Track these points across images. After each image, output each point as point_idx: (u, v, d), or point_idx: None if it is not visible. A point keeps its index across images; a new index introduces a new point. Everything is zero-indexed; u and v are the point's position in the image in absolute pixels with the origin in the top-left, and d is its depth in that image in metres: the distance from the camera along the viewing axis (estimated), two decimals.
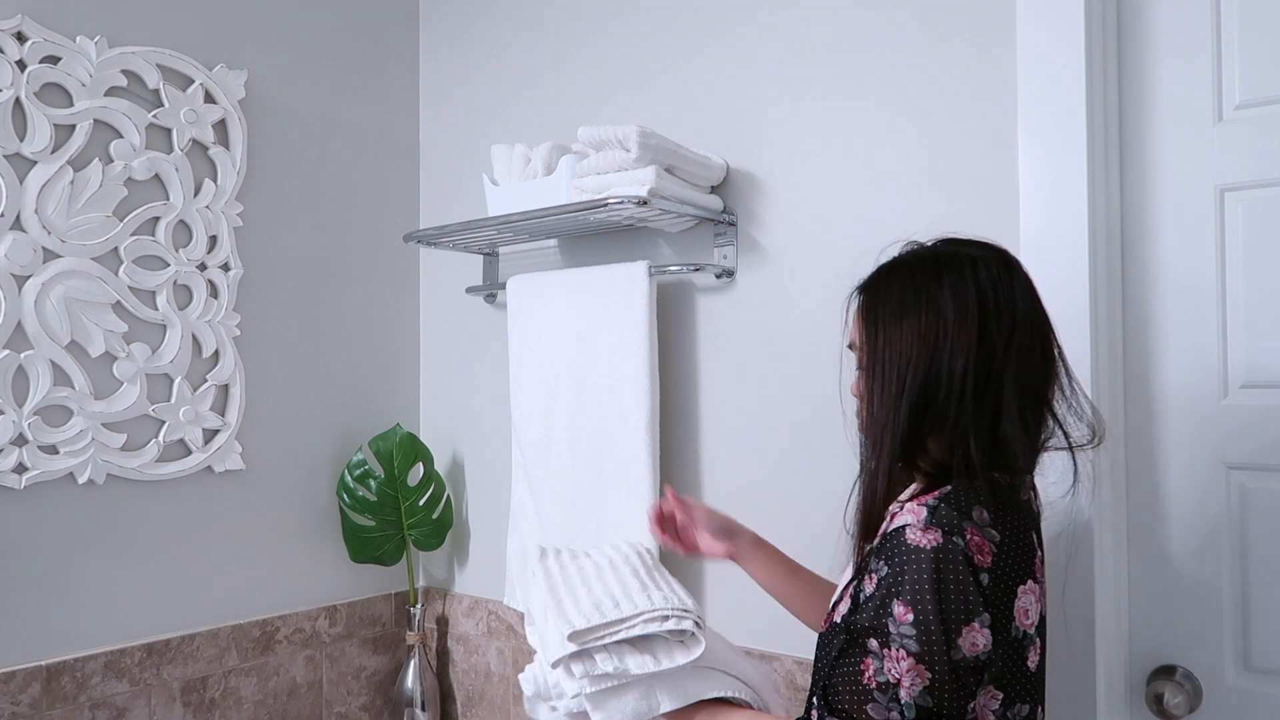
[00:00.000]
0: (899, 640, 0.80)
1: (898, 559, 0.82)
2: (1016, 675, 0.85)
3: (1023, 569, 0.84)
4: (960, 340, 0.85)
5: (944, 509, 0.83)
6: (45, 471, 1.49)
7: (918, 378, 0.86)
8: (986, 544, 0.82)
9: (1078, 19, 1.18)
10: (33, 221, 1.48)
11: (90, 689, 1.52)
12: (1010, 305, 0.87)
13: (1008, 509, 0.86)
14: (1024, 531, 0.86)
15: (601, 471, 1.55)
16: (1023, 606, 0.84)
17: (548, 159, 1.60)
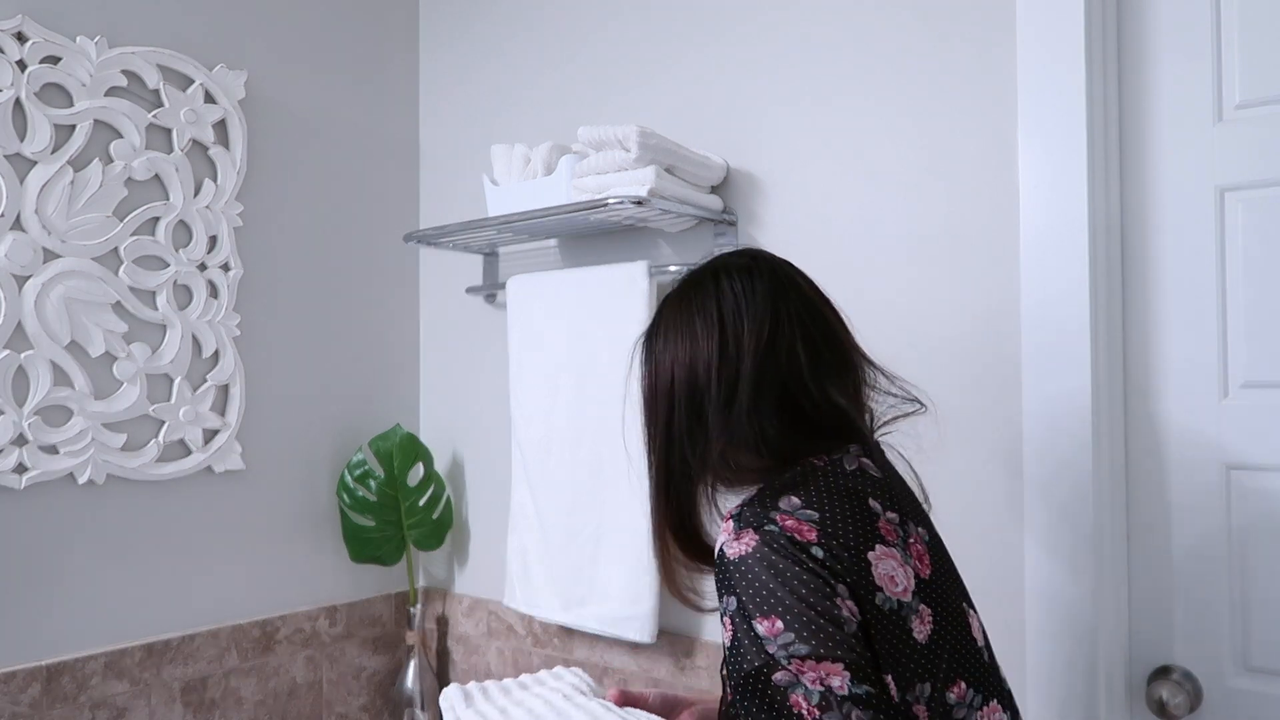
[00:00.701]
0: (788, 654, 0.73)
1: (729, 580, 0.77)
2: (902, 651, 0.77)
3: (865, 536, 0.79)
4: (709, 351, 0.86)
5: (747, 511, 0.81)
6: (45, 471, 1.49)
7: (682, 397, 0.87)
8: (804, 525, 0.78)
9: (1078, 19, 1.18)
10: (33, 221, 1.48)
11: (90, 689, 1.52)
12: (752, 306, 0.87)
13: (825, 487, 0.82)
14: (856, 501, 0.82)
15: (601, 471, 1.55)
16: (884, 573, 0.78)
17: (548, 159, 1.60)
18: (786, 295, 0.89)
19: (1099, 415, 1.18)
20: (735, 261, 0.92)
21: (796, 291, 0.91)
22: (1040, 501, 1.20)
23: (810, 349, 0.87)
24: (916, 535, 0.85)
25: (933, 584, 0.82)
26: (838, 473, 0.84)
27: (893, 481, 0.89)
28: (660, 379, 0.90)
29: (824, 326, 0.90)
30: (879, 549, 0.79)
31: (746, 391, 0.85)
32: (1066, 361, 1.18)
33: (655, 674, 1.58)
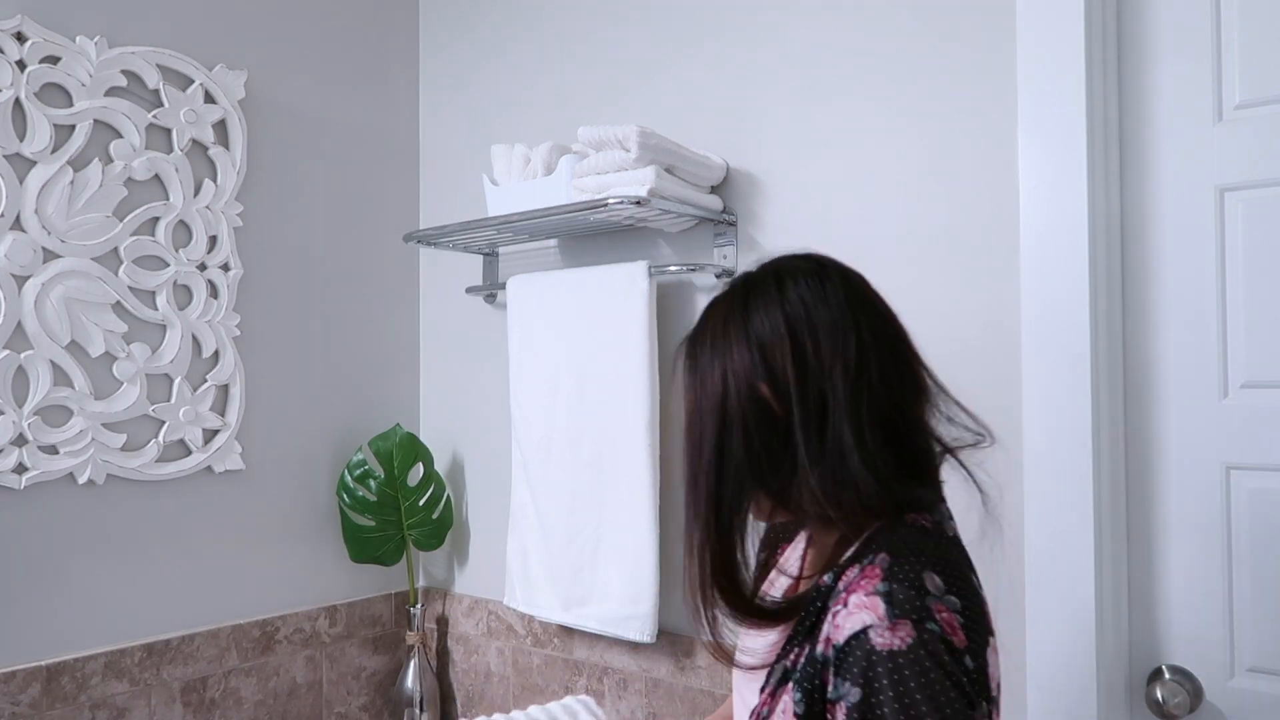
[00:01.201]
0: None
1: (865, 671, 0.66)
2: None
3: (985, 627, 0.70)
4: (781, 363, 0.73)
5: (899, 591, 0.68)
6: (45, 471, 1.49)
7: (741, 415, 0.74)
8: (955, 618, 0.67)
9: (1078, 19, 1.18)
10: (33, 221, 1.48)
11: (90, 689, 1.52)
12: (828, 316, 0.75)
13: (953, 562, 0.72)
14: (974, 582, 0.73)
15: (601, 471, 1.55)
16: (994, 675, 0.71)
17: (548, 159, 1.60)
18: (864, 307, 0.77)
19: (1099, 415, 1.18)
20: (800, 265, 0.80)
21: (873, 306, 0.79)
22: (1040, 501, 1.20)
23: (897, 373, 0.76)
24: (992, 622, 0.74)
25: (999, 684, 0.73)
26: (947, 540, 0.74)
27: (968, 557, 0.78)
28: (709, 392, 0.77)
29: (905, 348, 0.79)
30: (992, 642, 0.70)
31: (845, 417, 0.72)
32: (1066, 361, 1.18)
33: (655, 674, 1.58)
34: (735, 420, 0.75)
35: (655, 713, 1.58)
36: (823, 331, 0.74)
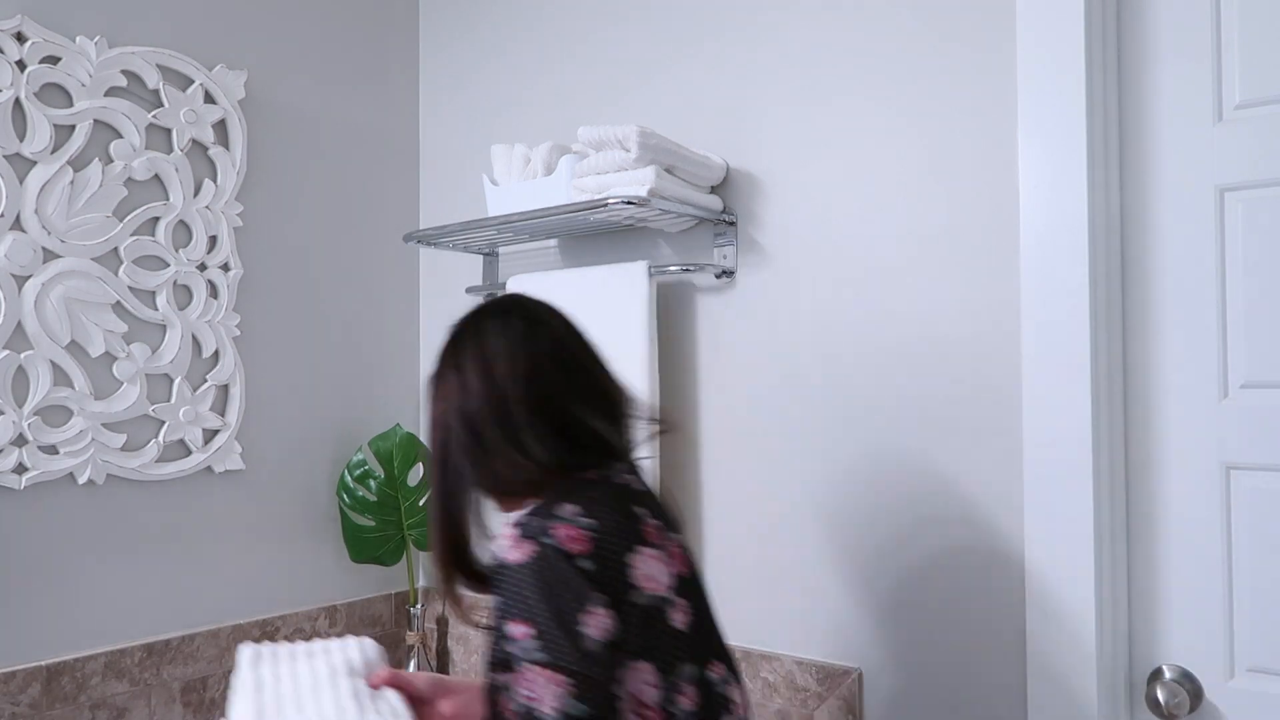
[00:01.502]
0: (525, 657, 0.81)
1: (502, 582, 0.86)
2: (664, 638, 0.88)
3: (628, 540, 0.89)
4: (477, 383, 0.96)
5: (532, 521, 0.88)
6: (45, 471, 1.49)
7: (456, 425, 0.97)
8: (581, 533, 0.86)
9: (1078, 19, 1.18)
10: (33, 221, 1.48)
11: (90, 689, 1.52)
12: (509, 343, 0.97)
13: (598, 496, 0.91)
14: (623, 508, 0.91)
15: None
16: (644, 573, 0.88)
17: (548, 159, 1.60)
18: (538, 333, 1.00)
19: (1099, 415, 1.18)
20: (493, 307, 1.03)
21: (548, 330, 1.01)
22: (1040, 501, 1.20)
23: (567, 379, 0.98)
24: (675, 540, 0.95)
25: (690, 582, 0.94)
26: (608, 483, 0.94)
27: (651, 495, 0.99)
28: (436, 413, 1.00)
29: (576, 361, 1.01)
30: (643, 550, 0.89)
31: (520, 412, 0.94)
32: (1066, 361, 1.18)
33: None
34: (451, 432, 0.97)
35: None
36: (503, 355, 0.97)
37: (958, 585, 1.28)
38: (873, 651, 1.36)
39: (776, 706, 1.44)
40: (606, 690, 0.83)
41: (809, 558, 1.43)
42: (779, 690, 1.43)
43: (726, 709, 0.92)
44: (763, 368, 1.49)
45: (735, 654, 1.00)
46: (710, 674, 0.91)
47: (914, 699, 1.32)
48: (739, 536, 1.51)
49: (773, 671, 1.44)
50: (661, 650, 0.87)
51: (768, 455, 1.48)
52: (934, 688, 1.30)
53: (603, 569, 0.85)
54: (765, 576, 1.47)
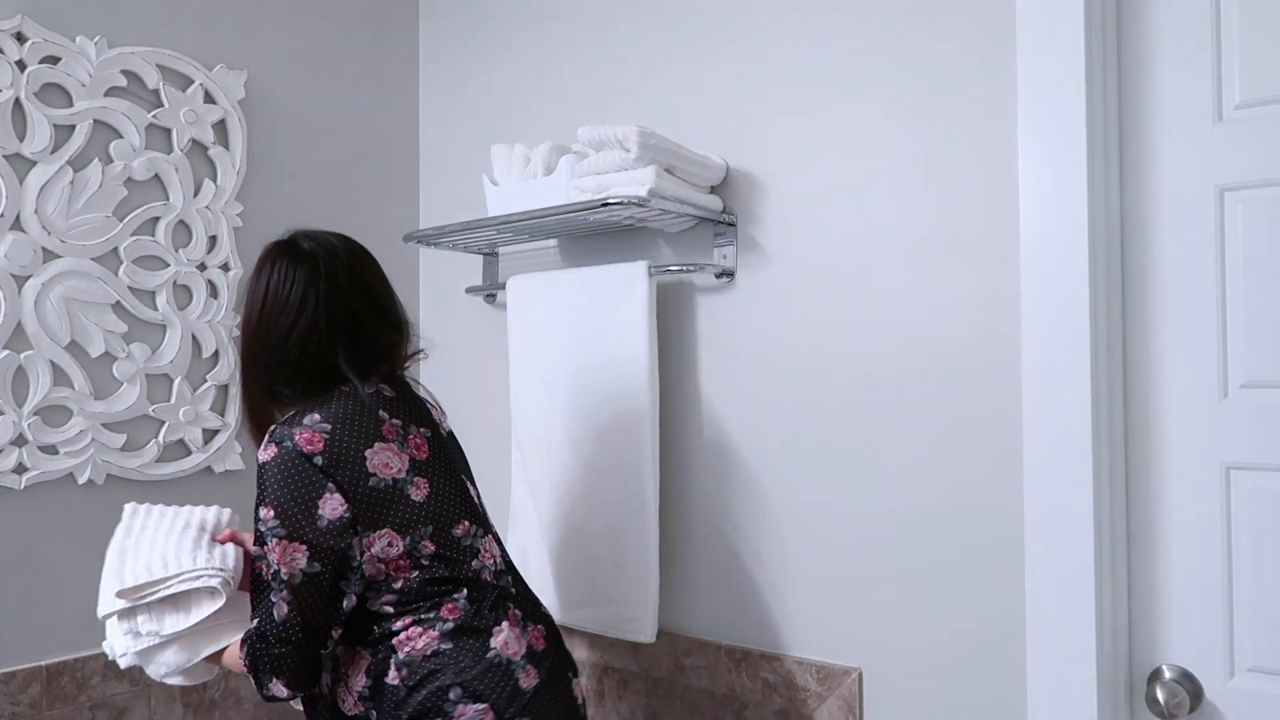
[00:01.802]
0: (272, 534, 1.09)
1: (258, 477, 1.13)
2: (404, 509, 1.15)
3: (365, 438, 1.14)
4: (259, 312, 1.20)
5: (278, 430, 1.14)
6: (45, 471, 1.49)
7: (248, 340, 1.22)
8: (317, 435, 1.12)
9: (1077, 19, 1.18)
10: (33, 221, 1.48)
11: (90, 689, 1.52)
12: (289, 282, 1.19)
13: (341, 405, 1.16)
14: (365, 412, 1.16)
15: (602, 472, 1.55)
16: (381, 462, 1.14)
17: (548, 159, 1.60)
18: (318, 276, 1.20)
19: (1099, 415, 1.18)
20: (273, 249, 1.23)
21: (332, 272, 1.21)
22: (1040, 501, 1.20)
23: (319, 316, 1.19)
24: (418, 433, 1.21)
25: (429, 464, 1.20)
26: (356, 395, 1.17)
27: (406, 399, 1.24)
28: (242, 325, 1.23)
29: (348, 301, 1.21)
30: (378, 446, 1.15)
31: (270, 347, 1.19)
32: (1066, 361, 1.18)
33: (655, 674, 1.58)
34: (247, 344, 1.22)
35: (655, 713, 1.58)
36: (264, 298, 1.20)
37: (958, 585, 1.28)
38: (873, 651, 1.36)
39: (776, 706, 1.44)
40: (338, 554, 1.11)
41: (809, 557, 1.43)
42: (779, 690, 1.43)
43: (475, 555, 1.20)
44: (763, 368, 1.49)
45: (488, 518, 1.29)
46: (455, 530, 1.19)
47: (914, 699, 1.32)
48: (739, 536, 1.51)
49: (773, 671, 1.44)
50: (399, 518, 1.14)
51: (768, 455, 1.48)
52: (934, 688, 1.30)
53: (333, 463, 1.12)
54: (765, 576, 1.47)
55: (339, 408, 1.16)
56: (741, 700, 1.48)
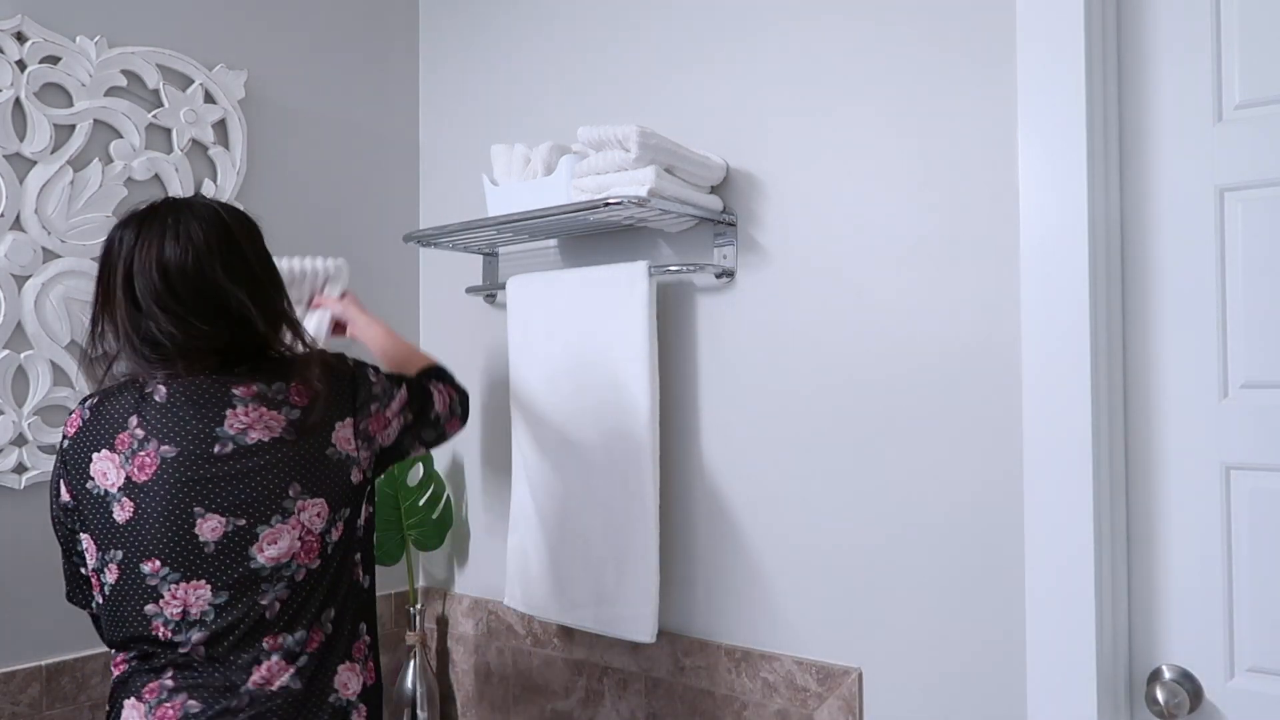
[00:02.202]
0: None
1: None
2: (102, 524, 1.09)
3: (99, 440, 1.10)
4: (98, 280, 1.14)
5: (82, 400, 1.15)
6: (45, 472, 1.49)
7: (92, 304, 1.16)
8: (75, 420, 1.13)
9: (1077, 19, 1.18)
10: (33, 221, 1.48)
11: (90, 689, 1.52)
12: (121, 256, 1.11)
13: (109, 400, 1.12)
14: (117, 416, 1.10)
15: (601, 472, 1.55)
16: (99, 469, 1.09)
17: (548, 159, 1.60)
18: (131, 253, 1.10)
19: (1099, 415, 1.18)
20: (136, 215, 1.14)
21: (148, 253, 1.10)
22: (1040, 501, 1.20)
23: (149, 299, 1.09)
24: (153, 451, 1.08)
25: (146, 487, 1.07)
26: (130, 393, 1.11)
27: (174, 410, 1.10)
28: None
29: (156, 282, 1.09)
30: (104, 452, 1.09)
31: (109, 320, 1.12)
32: (1066, 361, 1.18)
33: (655, 674, 1.58)
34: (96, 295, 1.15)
35: (655, 713, 1.59)
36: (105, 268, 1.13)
37: (958, 585, 1.28)
38: (873, 651, 1.36)
39: (776, 706, 1.44)
40: (67, 536, 1.15)
41: (809, 557, 1.43)
42: (779, 690, 1.43)
43: (154, 598, 1.07)
44: (763, 368, 1.49)
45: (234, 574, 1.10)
46: (143, 566, 1.07)
47: (914, 699, 1.32)
48: (738, 536, 1.51)
49: (773, 671, 1.44)
50: (99, 532, 1.09)
51: (768, 455, 1.48)
52: (934, 688, 1.30)
53: (70, 454, 1.12)
54: (765, 576, 1.47)
55: (106, 400, 1.13)
56: (741, 700, 1.48)
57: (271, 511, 1.10)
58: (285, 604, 1.11)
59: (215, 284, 1.10)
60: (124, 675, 1.11)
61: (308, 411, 1.13)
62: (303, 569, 1.12)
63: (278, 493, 1.10)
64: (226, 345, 1.11)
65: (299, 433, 1.12)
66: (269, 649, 1.10)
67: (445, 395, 1.37)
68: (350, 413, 1.18)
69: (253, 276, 1.13)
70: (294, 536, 1.11)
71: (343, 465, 1.16)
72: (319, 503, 1.13)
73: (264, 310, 1.13)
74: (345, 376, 1.20)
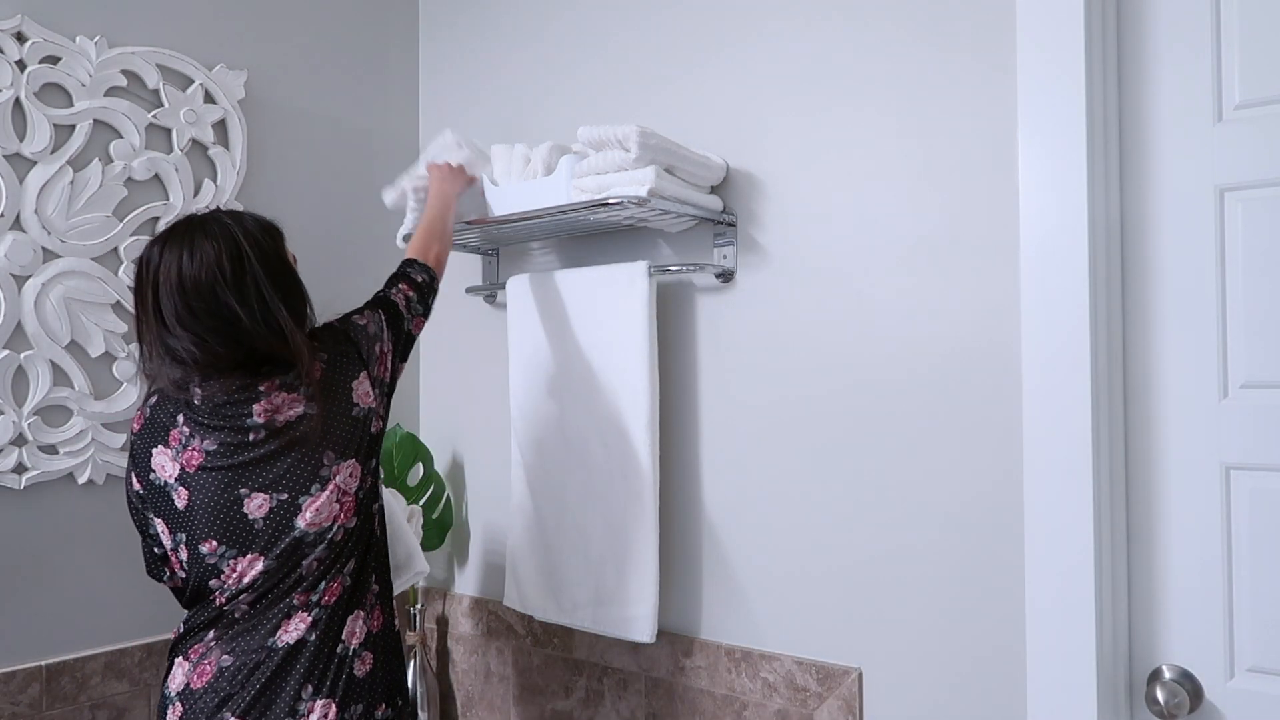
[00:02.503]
0: None
1: None
2: (169, 512, 1.22)
3: (156, 436, 1.23)
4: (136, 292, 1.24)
5: None
6: (45, 471, 1.49)
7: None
8: (140, 417, 1.25)
9: (1077, 19, 1.18)
10: (33, 221, 1.48)
11: (90, 689, 1.52)
12: (149, 272, 1.20)
13: (162, 399, 1.24)
14: (169, 415, 1.22)
15: (601, 472, 1.55)
16: (158, 463, 1.22)
17: (548, 159, 1.60)
18: (156, 274, 1.19)
19: (1099, 415, 1.18)
20: (162, 233, 1.23)
21: (169, 273, 1.18)
22: (1040, 501, 1.20)
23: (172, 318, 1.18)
24: (197, 446, 1.20)
25: (196, 477, 1.20)
26: (173, 397, 1.23)
27: (209, 409, 1.21)
28: None
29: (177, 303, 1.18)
30: (160, 447, 1.22)
31: (145, 335, 1.21)
32: (1066, 361, 1.18)
33: (655, 674, 1.58)
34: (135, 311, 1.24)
35: (655, 713, 1.59)
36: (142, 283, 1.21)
37: (958, 585, 1.28)
38: (873, 651, 1.36)
39: (776, 706, 1.44)
40: (141, 520, 1.27)
41: (809, 557, 1.43)
42: (779, 690, 1.43)
43: (215, 574, 1.20)
44: (763, 368, 1.49)
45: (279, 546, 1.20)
46: (201, 548, 1.20)
47: (914, 699, 1.32)
48: (739, 536, 1.51)
49: (773, 671, 1.44)
50: (167, 517, 1.22)
51: (768, 455, 1.48)
52: (934, 688, 1.30)
53: (135, 449, 1.25)
54: (765, 576, 1.47)
55: (158, 402, 1.25)
56: (741, 700, 1.48)
57: (311, 481, 1.21)
58: (322, 562, 1.22)
59: (226, 305, 1.17)
60: (180, 635, 1.24)
61: (321, 385, 1.24)
62: (341, 529, 1.24)
63: (314, 463, 1.22)
64: (246, 358, 1.20)
65: (323, 402, 1.23)
66: (298, 604, 1.21)
67: (403, 295, 1.41)
68: (363, 365, 1.30)
69: (261, 296, 1.19)
70: (333, 499, 1.23)
71: (366, 420, 1.28)
72: (351, 464, 1.25)
73: (271, 327, 1.20)
74: (342, 339, 1.30)
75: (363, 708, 1.23)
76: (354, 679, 1.22)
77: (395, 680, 1.29)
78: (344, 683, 1.21)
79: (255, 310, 1.19)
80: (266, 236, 1.25)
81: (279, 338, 1.20)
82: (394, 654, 1.30)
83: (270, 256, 1.23)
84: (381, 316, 1.36)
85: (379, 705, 1.25)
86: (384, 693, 1.26)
